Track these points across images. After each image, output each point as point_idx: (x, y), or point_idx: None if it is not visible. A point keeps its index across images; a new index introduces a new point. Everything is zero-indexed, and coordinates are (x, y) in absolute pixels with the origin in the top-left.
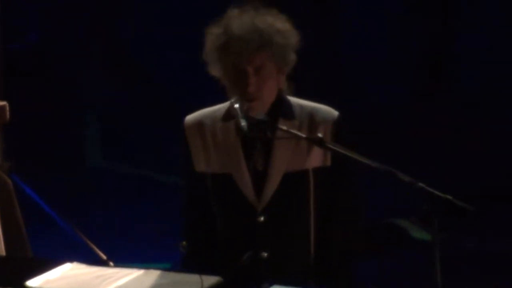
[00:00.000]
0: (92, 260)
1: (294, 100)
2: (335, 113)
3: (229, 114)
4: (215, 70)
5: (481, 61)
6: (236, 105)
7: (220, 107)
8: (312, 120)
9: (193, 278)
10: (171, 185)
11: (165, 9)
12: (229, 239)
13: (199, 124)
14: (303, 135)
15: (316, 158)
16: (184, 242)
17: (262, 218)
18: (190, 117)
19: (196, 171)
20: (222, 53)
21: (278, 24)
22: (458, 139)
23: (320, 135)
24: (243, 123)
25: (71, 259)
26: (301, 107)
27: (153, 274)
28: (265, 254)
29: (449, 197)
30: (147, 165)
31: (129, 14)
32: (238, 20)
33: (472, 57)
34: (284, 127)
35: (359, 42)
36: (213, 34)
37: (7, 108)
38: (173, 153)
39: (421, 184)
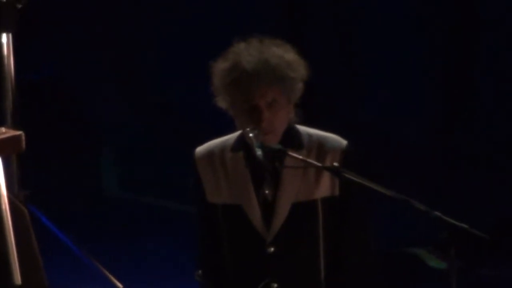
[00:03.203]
0: None
1: (302, 128)
2: (343, 142)
3: (239, 144)
4: (224, 103)
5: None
6: (251, 134)
7: (229, 137)
8: (320, 149)
9: None
10: (188, 214)
11: (184, 40)
12: (239, 270)
13: (209, 155)
14: (319, 164)
15: (324, 188)
16: (199, 271)
17: (272, 249)
18: (200, 149)
19: (208, 202)
20: (233, 88)
21: (287, 56)
22: (476, 169)
23: (336, 164)
24: (259, 152)
25: None
26: (310, 136)
27: None
28: (275, 285)
29: (465, 226)
30: (163, 195)
31: (148, 45)
32: (247, 54)
33: (494, 87)
34: (295, 155)
35: (380, 73)
36: (222, 70)
37: (23, 138)
38: (189, 183)
39: (437, 213)
